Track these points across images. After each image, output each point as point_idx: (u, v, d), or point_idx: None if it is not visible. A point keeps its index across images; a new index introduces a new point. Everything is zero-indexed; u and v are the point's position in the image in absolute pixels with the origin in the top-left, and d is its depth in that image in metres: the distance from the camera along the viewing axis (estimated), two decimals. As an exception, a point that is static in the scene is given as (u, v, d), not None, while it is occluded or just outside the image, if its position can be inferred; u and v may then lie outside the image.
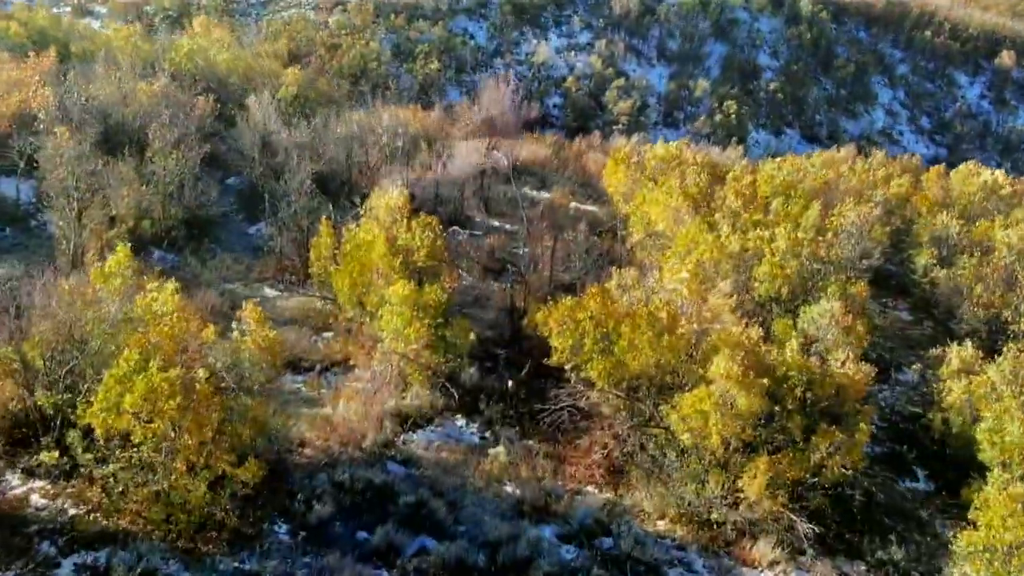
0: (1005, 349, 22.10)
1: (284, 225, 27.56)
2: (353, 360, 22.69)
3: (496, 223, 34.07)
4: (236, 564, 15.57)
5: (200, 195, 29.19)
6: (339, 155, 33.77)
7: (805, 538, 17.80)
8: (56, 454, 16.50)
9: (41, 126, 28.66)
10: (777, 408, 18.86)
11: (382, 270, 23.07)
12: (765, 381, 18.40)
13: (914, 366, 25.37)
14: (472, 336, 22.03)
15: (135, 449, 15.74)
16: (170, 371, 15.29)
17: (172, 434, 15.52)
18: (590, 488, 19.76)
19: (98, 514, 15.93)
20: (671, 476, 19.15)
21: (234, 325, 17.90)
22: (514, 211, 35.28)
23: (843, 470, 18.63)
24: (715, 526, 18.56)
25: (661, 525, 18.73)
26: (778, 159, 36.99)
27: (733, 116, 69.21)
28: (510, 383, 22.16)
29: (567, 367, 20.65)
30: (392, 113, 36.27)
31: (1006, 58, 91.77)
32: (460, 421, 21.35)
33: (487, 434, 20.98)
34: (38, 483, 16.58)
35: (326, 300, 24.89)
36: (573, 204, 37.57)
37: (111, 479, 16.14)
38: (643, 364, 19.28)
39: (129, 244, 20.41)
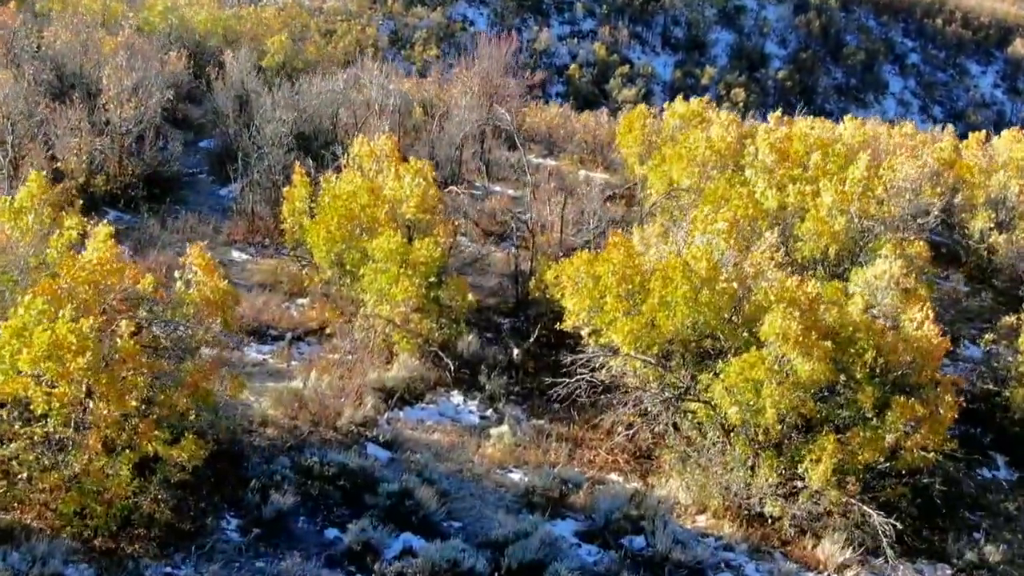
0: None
1: (256, 182, 24.13)
2: (330, 328, 19.24)
3: (498, 188, 30.64)
4: (167, 569, 12.14)
5: (163, 150, 25.72)
6: (323, 112, 30.30)
7: (883, 535, 14.37)
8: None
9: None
10: (842, 378, 15.47)
11: (365, 223, 19.65)
12: (829, 344, 15.02)
13: (987, 336, 21.92)
14: (471, 298, 18.63)
15: (41, 423, 12.32)
16: (80, 321, 11.85)
17: (85, 403, 12.13)
18: (613, 476, 16.35)
19: (-5, 506, 12.53)
20: (712, 461, 15.74)
21: (177, 275, 14.44)
22: (517, 177, 31.86)
23: (923, 453, 15.26)
24: (769, 521, 15.15)
25: (701, 520, 15.33)
26: (809, 118, 33.53)
27: (740, 104, 66.78)
28: (516, 352, 18.74)
29: (584, 332, 17.27)
30: (385, 69, 32.82)
31: (1019, 47, 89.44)
32: (456, 397, 17.93)
33: (488, 412, 17.57)
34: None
35: (301, 261, 21.44)
36: (582, 172, 34.13)
37: (13, 462, 12.70)
38: (677, 325, 15.85)
39: (80, 202, 17.35)
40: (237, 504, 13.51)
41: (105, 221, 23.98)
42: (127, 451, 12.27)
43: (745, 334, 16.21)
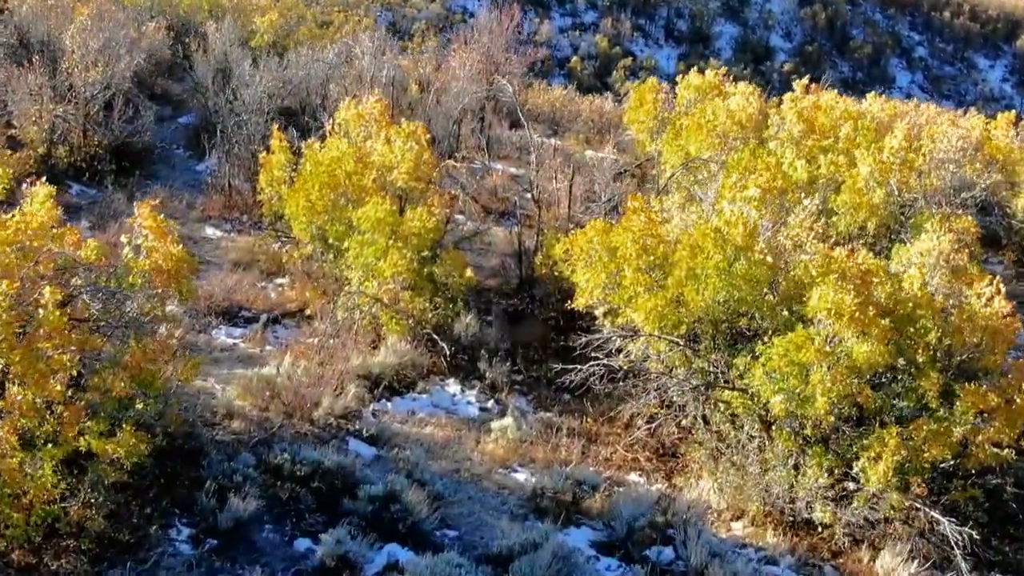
0: None
1: (235, 153, 21.93)
2: (311, 309, 17.02)
3: (499, 166, 28.42)
4: (100, 588, 9.98)
5: (133, 120, 23.50)
6: (311, 86, 28.12)
7: (956, 546, 12.18)
8: None
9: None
10: (901, 361, 13.30)
11: (351, 193, 17.47)
12: (887, 322, 12.84)
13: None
14: (470, 273, 16.44)
15: (-54, 412, 10.14)
16: (-10, 286, 9.67)
17: (-2, 387, 9.96)
18: (634, 476, 14.16)
19: None
20: (749, 459, 13.54)
21: (123, 239, 12.24)
22: (520, 155, 29.68)
23: (995, 450, 13.06)
24: (818, 529, 12.96)
25: (738, 528, 13.14)
26: (834, 91, 31.27)
27: (746, 97, 64.82)
28: (522, 328, 16.59)
29: (598, 312, 15.10)
30: (378, 39, 30.60)
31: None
32: (452, 386, 15.74)
33: (489, 403, 15.39)
34: None
35: (279, 237, 19.26)
36: (589, 151, 31.93)
37: (-83, 459, 10.50)
38: (708, 301, 13.67)
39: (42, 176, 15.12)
40: (190, 509, 11.31)
41: (72, 193, 22.55)
42: (50, 446, 10.07)
43: (784, 313, 14.05)
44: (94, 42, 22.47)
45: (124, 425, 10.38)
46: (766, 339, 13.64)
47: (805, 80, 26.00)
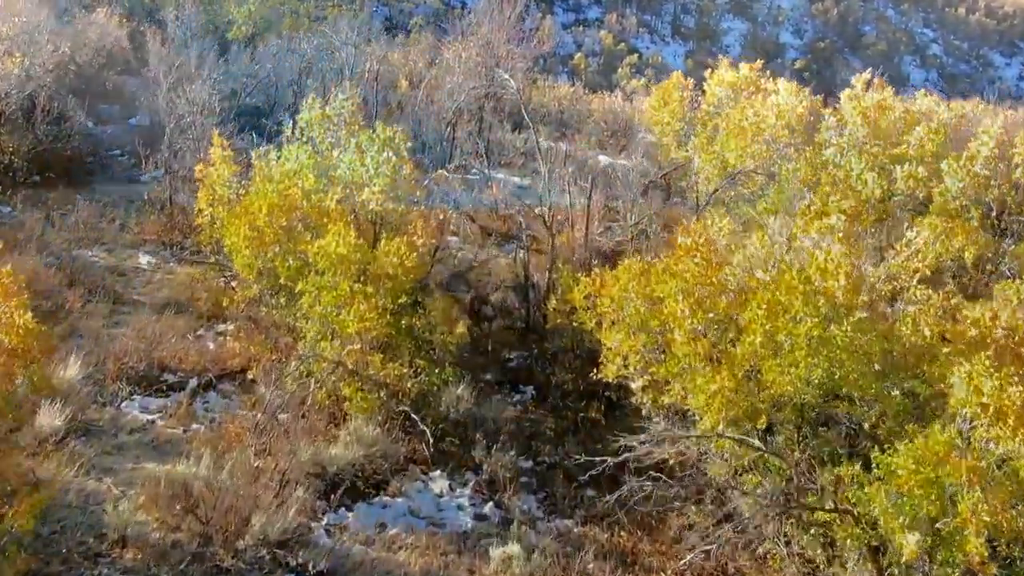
0: None
1: (176, 162, 17.94)
2: (254, 371, 13.00)
3: (501, 175, 24.40)
4: None
5: (59, 122, 19.52)
6: (282, 81, 24.19)
7: None
8: None
9: None
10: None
11: (311, 217, 13.50)
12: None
13: None
14: (462, 328, 12.43)
15: None
16: None
17: None
18: (689, 624, 10.21)
19: None
20: (855, 606, 9.58)
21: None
22: (524, 162, 25.73)
23: None
24: None
25: None
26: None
27: (758, 95, 61.89)
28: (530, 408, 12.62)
29: (635, 386, 11.17)
30: (360, 27, 26.67)
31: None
32: (438, 482, 11.72)
33: (487, 508, 11.36)
34: None
35: (224, 271, 15.29)
36: (603, 157, 27.97)
37: None
38: (796, 381, 9.69)
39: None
40: None
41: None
42: None
43: (896, 393, 10.11)
44: (6, 28, 18.49)
45: None
46: (873, 427, 9.74)
47: (867, 74, 21.88)
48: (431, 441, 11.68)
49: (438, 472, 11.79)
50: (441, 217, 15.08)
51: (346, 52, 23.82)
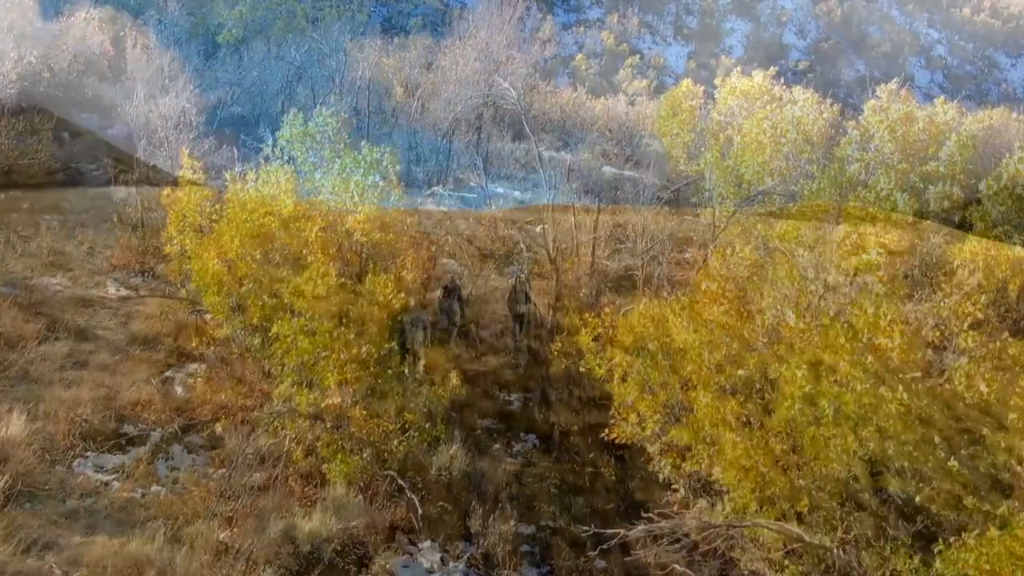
0: None
1: (147, 179, 16.62)
2: (224, 423, 11.63)
3: (500, 189, 23.07)
4: None
5: (24, 136, 18.18)
6: (269, 89, 22.85)
7: None
8: None
9: None
10: None
11: (290, 249, 12.17)
12: None
13: None
14: (456, 380, 11.06)
15: None
16: None
17: None
18: None
19: None
20: None
21: None
22: (525, 175, 24.44)
23: None
24: None
25: None
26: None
27: (761, 97, 60.50)
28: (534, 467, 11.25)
29: (651, 449, 9.83)
30: (353, 34, 25.33)
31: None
32: (428, 555, 10.35)
33: (484, 587, 10.06)
34: None
35: (195, 307, 13.92)
36: (607, 168, 26.64)
37: None
38: (845, 454, 8.33)
39: None
40: None
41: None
42: None
43: (953, 463, 8.75)
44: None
45: None
46: (927, 503, 8.39)
47: (892, 84, 20.51)
48: (419, 511, 10.30)
49: (428, 543, 10.41)
50: (431, 247, 13.68)
51: (336, 59, 22.41)
